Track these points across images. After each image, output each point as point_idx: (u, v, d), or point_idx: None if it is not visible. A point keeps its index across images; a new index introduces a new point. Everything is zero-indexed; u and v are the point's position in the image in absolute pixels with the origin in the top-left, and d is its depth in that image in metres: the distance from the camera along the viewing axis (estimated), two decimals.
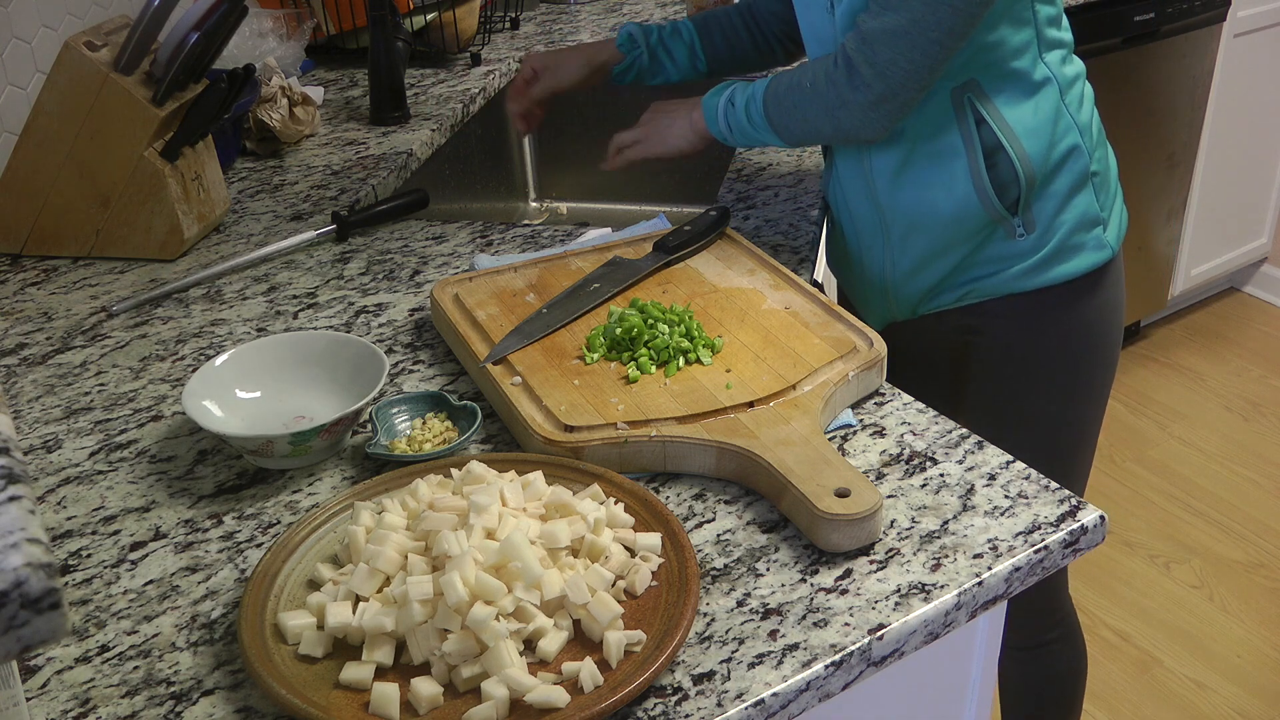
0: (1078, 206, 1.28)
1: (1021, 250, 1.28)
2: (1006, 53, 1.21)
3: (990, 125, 1.22)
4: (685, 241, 1.26)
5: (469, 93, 1.97)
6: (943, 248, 1.30)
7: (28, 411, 1.12)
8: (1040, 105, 1.23)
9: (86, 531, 0.95)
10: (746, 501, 0.95)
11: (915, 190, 1.27)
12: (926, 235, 1.29)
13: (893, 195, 1.29)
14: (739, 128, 1.28)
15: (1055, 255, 1.28)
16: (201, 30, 1.32)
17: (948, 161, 1.25)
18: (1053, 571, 0.91)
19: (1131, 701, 2.16)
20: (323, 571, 0.85)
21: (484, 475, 0.89)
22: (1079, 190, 1.27)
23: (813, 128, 1.24)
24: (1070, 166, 1.26)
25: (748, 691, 0.77)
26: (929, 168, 1.26)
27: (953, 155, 1.24)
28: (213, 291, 1.34)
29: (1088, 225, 1.29)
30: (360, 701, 0.76)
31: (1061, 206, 1.27)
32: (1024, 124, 1.23)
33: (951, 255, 1.30)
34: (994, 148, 1.23)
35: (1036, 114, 1.23)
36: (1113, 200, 1.33)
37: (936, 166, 1.25)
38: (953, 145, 1.24)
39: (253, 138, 1.72)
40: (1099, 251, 1.30)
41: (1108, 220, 1.32)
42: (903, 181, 1.28)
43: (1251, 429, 2.89)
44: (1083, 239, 1.29)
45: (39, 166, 1.38)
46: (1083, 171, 1.27)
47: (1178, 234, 3.08)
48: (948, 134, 1.24)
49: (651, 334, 1.08)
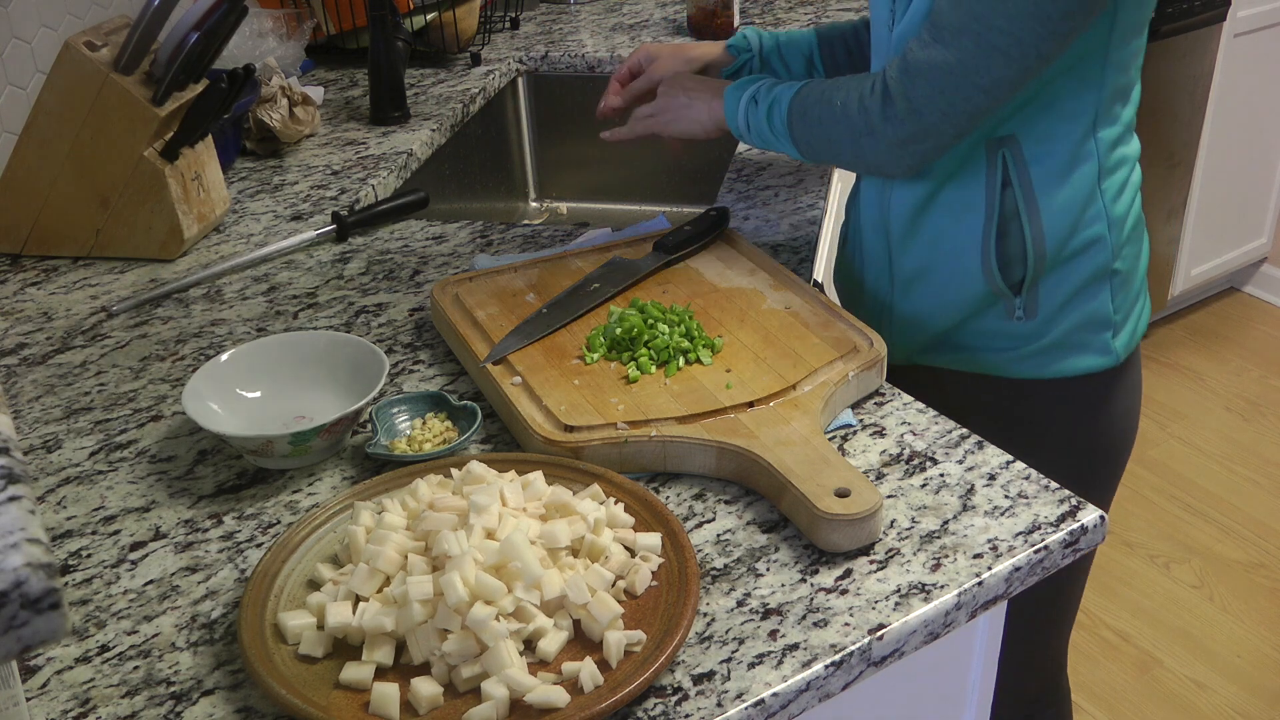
0: (1088, 303, 1.18)
1: (1019, 333, 1.19)
2: (1057, 116, 1.11)
3: (1015, 190, 1.13)
4: (685, 241, 1.26)
5: (469, 93, 1.97)
6: (942, 305, 1.21)
7: (28, 411, 1.12)
8: (1075, 184, 1.13)
9: (86, 531, 0.95)
10: (746, 501, 0.95)
11: (929, 236, 1.19)
12: (929, 287, 1.22)
13: (905, 238, 1.21)
14: (757, 129, 1.20)
15: (1054, 349, 1.19)
16: (201, 30, 1.32)
17: (964, 215, 1.16)
18: (1052, 571, 0.91)
19: (1131, 701, 2.16)
20: (323, 571, 0.85)
21: (484, 475, 0.89)
22: (1093, 286, 1.17)
23: (835, 150, 1.16)
24: (1088, 259, 1.16)
25: (748, 691, 0.77)
26: (946, 216, 1.17)
27: (971, 211, 1.16)
28: (213, 291, 1.34)
29: (1095, 326, 1.19)
30: (360, 701, 0.76)
31: (1070, 299, 1.17)
32: (1050, 200, 1.13)
33: (948, 315, 1.21)
34: (1011, 215, 1.14)
35: (1067, 193, 1.13)
36: (1132, 303, 1.22)
37: (953, 218, 1.17)
38: (974, 200, 1.15)
39: (253, 138, 1.72)
40: (1102, 357, 1.20)
41: (1120, 325, 1.20)
42: (919, 225, 1.20)
43: (1251, 429, 2.89)
44: (1087, 339, 1.19)
45: (39, 166, 1.38)
46: (1102, 267, 1.16)
47: (1178, 234, 3.08)
48: (973, 186, 1.15)
49: (651, 334, 1.08)
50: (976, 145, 1.13)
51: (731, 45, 1.37)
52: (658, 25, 2.28)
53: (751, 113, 1.20)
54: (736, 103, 1.21)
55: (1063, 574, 1.33)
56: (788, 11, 2.32)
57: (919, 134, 1.08)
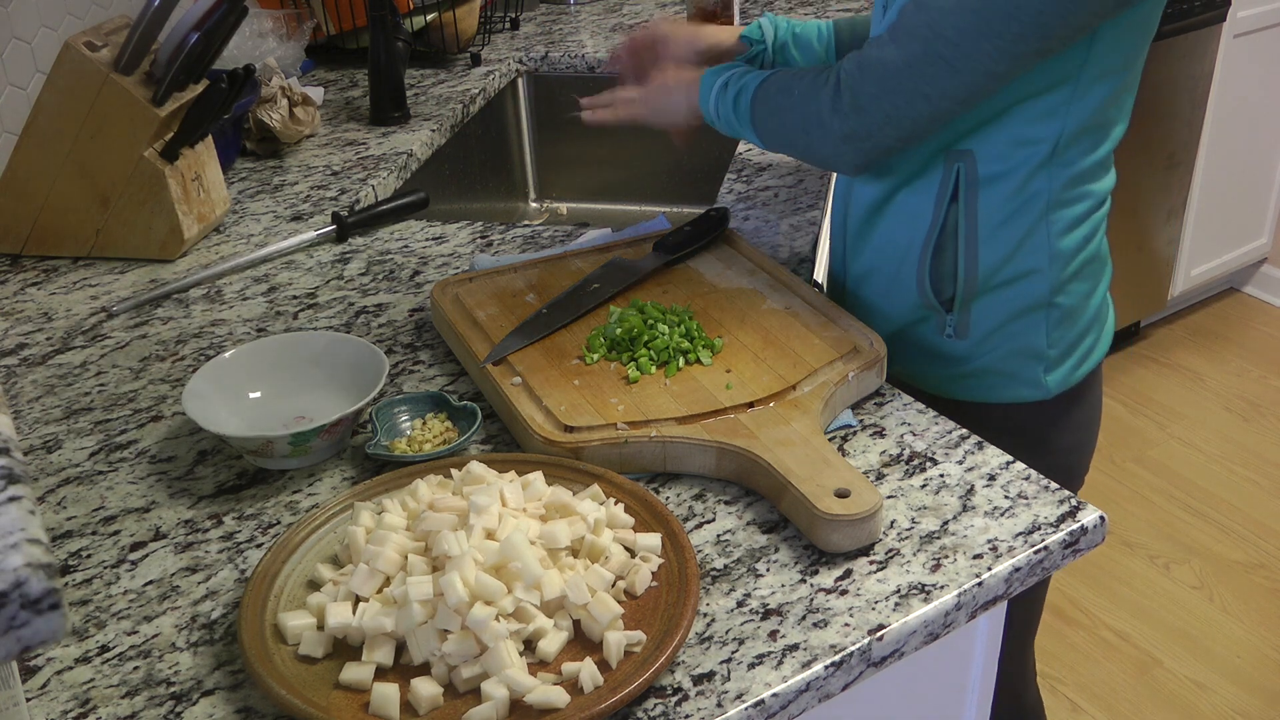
0: (1019, 334, 1.15)
1: (949, 353, 1.17)
2: (1014, 140, 1.08)
3: (960, 206, 1.11)
4: (685, 242, 1.26)
5: (469, 93, 1.97)
6: (882, 310, 1.21)
7: (28, 412, 1.12)
8: (1019, 212, 1.10)
9: (86, 532, 0.95)
10: (746, 502, 0.95)
11: (878, 240, 1.18)
12: (873, 290, 1.21)
13: (858, 239, 1.21)
14: (725, 116, 1.18)
15: (983, 374, 1.17)
16: (201, 30, 1.32)
17: (913, 223, 1.14)
18: (1052, 572, 0.91)
19: (1131, 701, 2.16)
20: (323, 572, 0.85)
21: (484, 475, 0.89)
22: (1026, 317, 1.14)
23: (789, 139, 1.13)
24: (1021, 289, 1.13)
25: (748, 692, 0.77)
26: (896, 221, 1.16)
27: (919, 219, 1.14)
28: (213, 292, 1.34)
29: (1026, 358, 1.16)
30: (360, 702, 0.76)
31: (1002, 326, 1.15)
32: (990, 223, 1.11)
33: (888, 322, 1.20)
34: (951, 231, 1.12)
35: (1009, 219, 1.10)
36: (1075, 341, 1.18)
37: (901, 224, 1.15)
38: (923, 209, 1.13)
39: (253, 138, 1.72)
40: (1033, 389, 1.18)
41: (1055, 361, 1.17)
42: (872, 227, 1.19)
43: (1251, 429, 2.89)
44: (1017, 370, 1.17)
45: (39, 166, 1.38)
46: (1036, 301, 1.13)
47: (1178, 234, 3.08)
48: (925, 195, 1.13)
49: (651, 334, 1.08)
50: (936, 154, 1.11)
51: (745, 35, 1.33)
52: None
53: (721, 99, 1.18)
54: (710, 89, 1.19)
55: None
56: (787, 12, 2.32)
57: (861, 131, 1.07)
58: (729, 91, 1.17)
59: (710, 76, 1.20)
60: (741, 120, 1.16)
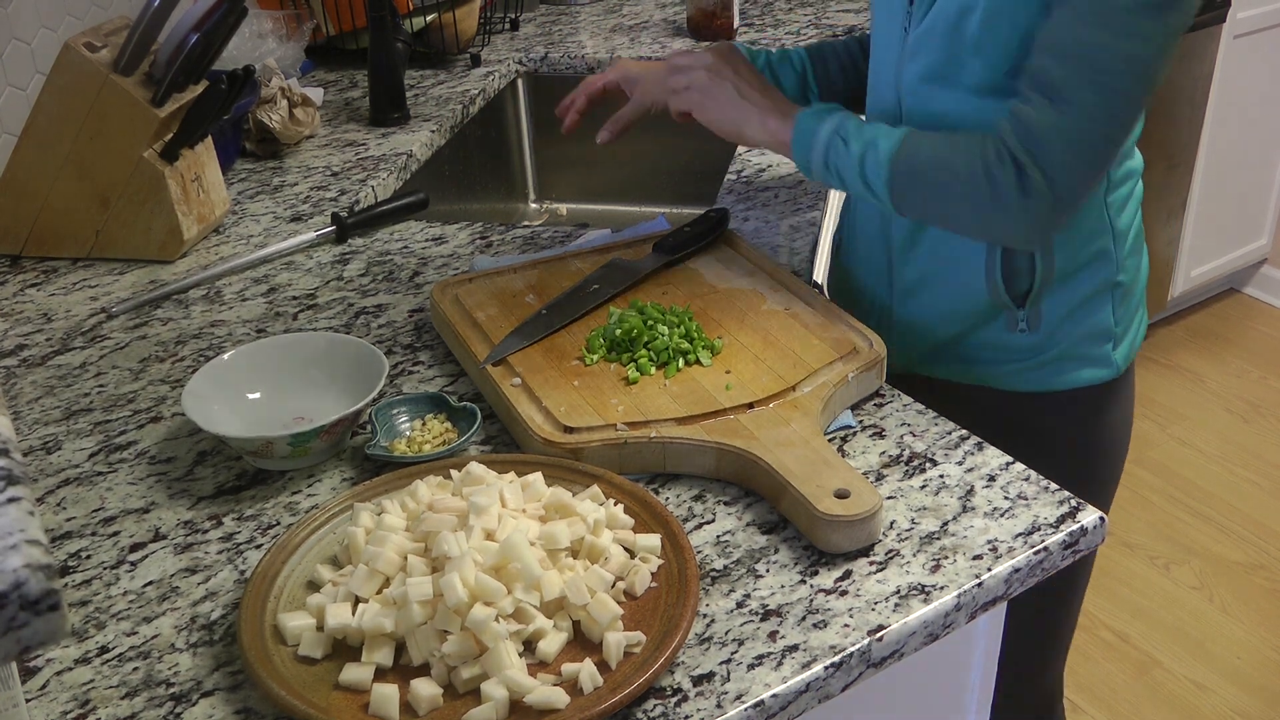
0: (1091, 316, 1.16)
1: (1020, 346, 1.17)
2: None
3: None
4: (685, 243, 1.26)
5: (469, 94, 1.97)
6: (943, 315, 1.19)
7: (27, 413, 1.12)
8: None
9: (86, 533, 0.95)
10: (746, 502, 0.95)
11: (931, 246, 1.17)
12: (930, 297, 1.20)
13: (907, 249, 1.19)
14: (841, 172, 1.08)
15: (1055, 362, 1.17)
16: (201, 31, 1.32)
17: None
18: (1052, 572, 0.91)
19: (1131, 702, 2.16)
20: (322, 573, 0.85)
21: (483, 476, 0.89)
22: (1096, 298, 1.16)
23: (950, 218, 1.07)
24: (1093, 272, 1.14)
25: (747, 693, 0.77)
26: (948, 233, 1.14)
27: None
28: (212, 293, 1.34)
29: (1097, 338, 1.17)
30: (360, 703, 0.76)
31: (1073, 311, 1.15)
32: None
33: (950, 326, 1.19)
34: None
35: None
36: (1132, 315, 1.21)
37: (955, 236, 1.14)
38: None
39: (252, 139, 1.72)
40: (1103, 369, 1.19)
41: (1121, 336, 1.19)
42: (922, 235, 1.17)
43: (1251, 430, 2.89)
44: (1088, 351, 1.18)
45: (39, 167, 1.38)
46: (1106, 280, 1.15)
47: (1177, 234, 3.08)
48: None
49: (651, 335, 1.08)
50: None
51: None
52: (657, 26, 2.28)
53: (836, 154, 1.08)
54: (813, 134, 1.09)
55: (1057, 599, 1.32)
56: (787, 12, 2.32)
57: (1062, 202, 1.00)
58: (850, 148, 1.07)
59: (811, 121, 1.09)
60: (872, 186, 1.07)
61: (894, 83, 1.15)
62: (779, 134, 1.12)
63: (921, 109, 1.12)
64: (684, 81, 1.17)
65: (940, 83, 1.09)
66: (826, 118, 1.09)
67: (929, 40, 1.08)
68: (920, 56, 1.10)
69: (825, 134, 1.08)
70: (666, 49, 2.12)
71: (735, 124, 1.15)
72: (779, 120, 1.12)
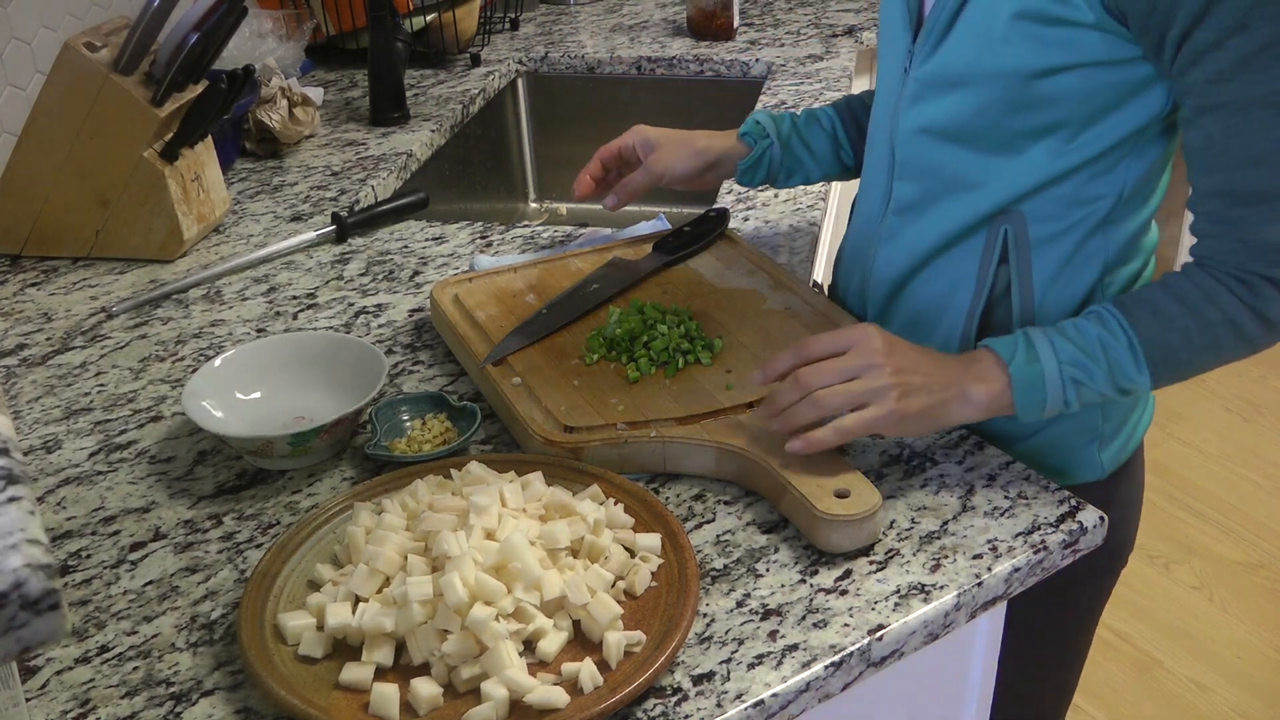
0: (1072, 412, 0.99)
1: (999, 431, 1.05)
2: (1072, 199, 0.99)
3: (1011, 269, 1.02)
4: (685, 242, 1.26)
5: (469, 93, 1.97)
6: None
7: (27, 412, 1.12)
8: (1076, 276, 1.02)
9: (86, 532, 0.95)
10: (746, 502, 0.95)
11: (912, 305, 1.10)
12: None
13: (887, 305, 1.12)
14: (1090, 400, 0.94)
15: (1036, 455, 1.06)
16: (201, 31, 1.32)
17: (954, 288, 1.06)
18: (1052, 572, 0.91)
19: (1131, 702, 2.16)
20: (322, 572, 0.85)
21: (483, 476, 0.89)
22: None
23: (1200, 369, 0.97)
24: None
25: (747, 692, 0.77)
26: (930, 291, 1.07)
27: (960, 288, 1.05)
28: (212, 292, 1.34)
29: (1081, 435, 1.07)
30: (360, 702, 0.76)
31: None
32: (1047, 289, 1.02)
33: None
34: (1001, 297, 1.04)
35: (1066, 284, 1.02)
36: (1127, 414, 1.10)
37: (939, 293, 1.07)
38: (965, 273, 1.04)
39: (252, 138, 1.72)
40: (1086, 470, 1.09)
41: (1109, 438, 1.09)
42: (902, 293, 1.10)
43: (1251, 429, 2.89)
44: (1068, 449, 1.08)
45: (39, 167, 1.38)
46: None
47: (1177, 234, 3.08)
48: (967, 259, 1.04)
49: (651, 335, 1.08)
50: (979, 219, 1.02)
51: (746, 134, 1.24)
52: (657, 26, 2.28)
53: (1076, 390, 0.93)
54: (1040, 383, 0.92)
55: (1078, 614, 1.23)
56: (787, 12, 2.32)
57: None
58: (1095, 374, 0.92)
59: (1030, 367, 0.92)
60: (1134, 391, 0.95)
61: (889, 128, 1.08)
62: (994, 405, 0.93)
63: (917, 161, 1.05)
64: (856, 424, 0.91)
65: (943, 137, 1.02)
66: (1037, 354, 0.93)
67: (935, 84, 1.01)
68: (922, 104, 1.03)
69: (1057, 375, 0.92)
70: (666, 49, 2.12)
71: (952, 421, 0.94)
72: (984, 389, 0.93)
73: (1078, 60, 0.93)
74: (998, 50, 0.95)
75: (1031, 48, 0.93)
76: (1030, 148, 0.98)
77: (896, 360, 0.91)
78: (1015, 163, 0.99)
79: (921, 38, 1.01)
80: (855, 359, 0.91)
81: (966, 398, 0.92)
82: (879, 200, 1.12)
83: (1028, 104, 0.96)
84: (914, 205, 1.07)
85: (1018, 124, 0.98)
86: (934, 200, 1.05)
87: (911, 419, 0.91)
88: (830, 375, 0.91)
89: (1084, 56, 0.93)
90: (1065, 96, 0.95)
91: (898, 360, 0.91)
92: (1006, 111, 0.97)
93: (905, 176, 1.07)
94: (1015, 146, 0.99)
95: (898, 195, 1.08)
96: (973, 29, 0.96)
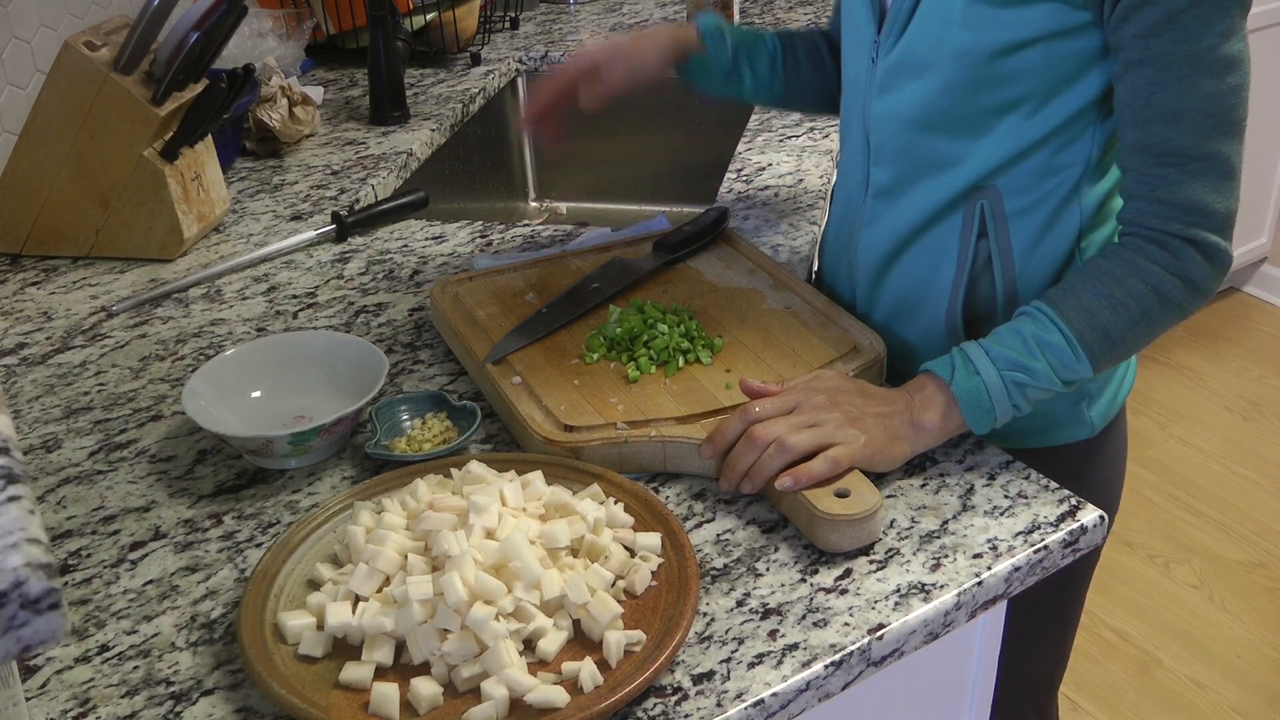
0: None
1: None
2: (1042, 170, 1.03)
3: (990, 242, 1.06)
4: (685, 241, 1.26)
5: (469, 93, 1.97)
6: (912, 356, 1.13)
7: (27, 411, 1.12)
8: (1054, 243, 1.05)
9: (86, 531, 0.95)
10: (746, 501, 0.95)
11: (899, 281, 1.13)
12: (897, 341, 1.14)
13: (875, 284, 1.15)
14: (1037, 399, 0.97)
15: (1027, 417, 1.02)
16: (201, 30, 1.32)
17: (938, 267, 1.09)
18: (1052, 571, 0.91)
19: (1131, 701, 2.16)
20: (322, 571, 0.85)
21: (483, 475, 0.89)
22: None
23: (1142, 344, 0.99)
24: None
25: (747, 691, 0.77)
26: (915, 267, 1.10)
27: (944, 262, 1.08)
28: (212, 291, 1.34)
29: (1069, 395, 1.09)
30: (360, 701, 0.76)
31: None
32: (1027, 257, 1.06)
33: (912, 366, 1.08)
34: (983, 269, 1.07)
35: (1044, 252, 1.05)
36: (1111, 371, 1.14)
37: (922, 269, 1.10)
38: (946, 247, 1.08)
39: (252, 138, 1.72)
40: (1076, 428, 1.13)
41: (1096, 394, 1.13)
42: (889, 271, 1.13)
43: (1251, 429, 2.89)
44: (1059, 409, 1.11)
45: (39, 166, 1.38)
46: None
47: None
48: (947, 234, 1.07)
49: (651, 334, 1.08)
50: (955, 195, 1.05)
51: (706, 32, 1.24)
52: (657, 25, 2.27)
53: (1022, 393, 0.96)
54: (984, 399, 0.95)
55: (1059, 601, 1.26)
56: (787, 11, 2.32)
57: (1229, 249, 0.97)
58: (1034, 376, 0.95)
59: (970, 380, 0.95)
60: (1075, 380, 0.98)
61: (861, 116, 1.11)
62: (947, 427, 0.96)
63: (891, 146, 1.08)
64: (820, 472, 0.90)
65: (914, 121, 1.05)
66: (974, 369, 0.95)
67: (902, 72, 1.04)
68: (891, 91, 1.06)
69: (1000, 384, 0.95)
70: None
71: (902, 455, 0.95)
72: (931, 413, 0.95)
73: (1034, 35, 0.97)
74: (957, 33, 0.99)
75: (989, 28, 0.98)
76: (998, 124, 1.02)
77: (844, 406, 0.94)
78: (985, 140, 1.03)
79: (885, 29, 1.06)
80: (806, 413, 0.94)
81: (919, 426, 0.95)
82: (858, 186, 1.15)
83: (991, 82, 1.00)
84: (892, 188, 1.11)
85: (983, 102, 1.01)
86: (911, 182, 1.09)
87: (880, 452, 0.93)
88: (785, 426, 0.92)
89: (1039, 30, 0.97)
90: (1026, 71, 0.99)
91: (845, 406, 0.94)
92: (971, 91, 1.01)
93: (881, 162, 1.11)
94: (984, 124, 1.03)
95: (875, 180, 1.12)
96: (933, 15, 1.01)
